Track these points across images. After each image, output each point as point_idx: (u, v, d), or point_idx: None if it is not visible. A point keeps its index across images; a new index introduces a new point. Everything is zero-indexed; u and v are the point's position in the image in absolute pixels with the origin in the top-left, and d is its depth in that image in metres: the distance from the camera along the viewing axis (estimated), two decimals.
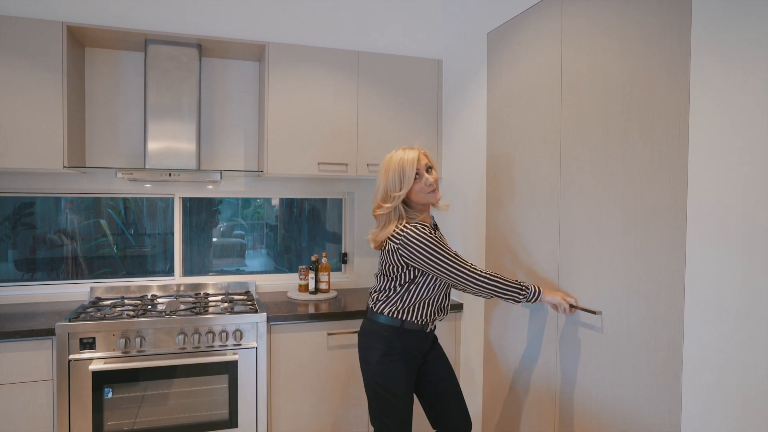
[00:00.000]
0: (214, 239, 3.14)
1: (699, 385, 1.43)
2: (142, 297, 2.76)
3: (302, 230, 3.33)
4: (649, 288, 1.58)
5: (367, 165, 2.88)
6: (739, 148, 1.33)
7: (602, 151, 1.74)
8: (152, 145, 2.59)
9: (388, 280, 1.96)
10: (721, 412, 1.37)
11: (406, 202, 1.97)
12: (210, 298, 2.78)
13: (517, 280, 1.90)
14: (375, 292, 2.04)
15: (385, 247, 1.93)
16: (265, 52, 2.72)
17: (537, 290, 1.89)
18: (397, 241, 1.87)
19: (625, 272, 1.66)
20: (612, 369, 1.72)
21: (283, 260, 3.28)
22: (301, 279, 3.00)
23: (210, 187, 3.00)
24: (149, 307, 2.53)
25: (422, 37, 3.13)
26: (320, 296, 2.89)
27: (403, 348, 1.96)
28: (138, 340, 2.22)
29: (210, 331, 2.33)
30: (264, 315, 2.42)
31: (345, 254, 3.29)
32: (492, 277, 1.86)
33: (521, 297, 1.88)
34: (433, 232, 1.90)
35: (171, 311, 2.39)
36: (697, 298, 1.44)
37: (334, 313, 2.57)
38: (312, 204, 3.31)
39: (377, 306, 2.00)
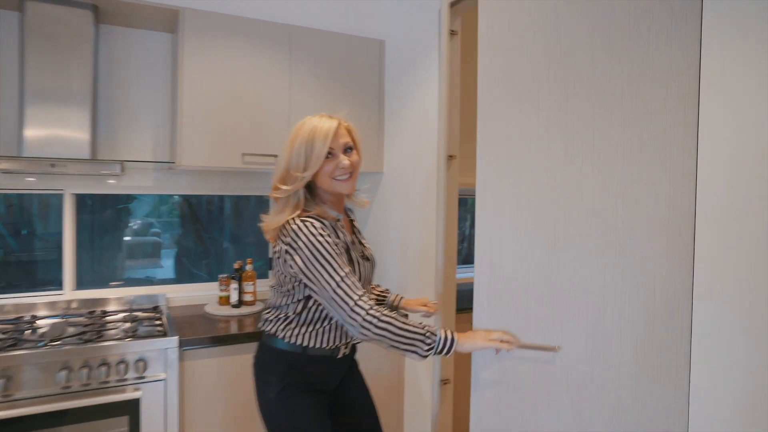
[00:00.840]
0: (127, 238, 2.61)
1: None
2: (17, 320, 2.19)
3: (223, 231, 2.85)
4: (637, 309, 1.28)
5: None
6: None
7: (564, 124, 1.38)
8: (31, 131, 2.03)
9: (282, 294, 1.52)
10: None
11: (311, 188, 1.53)
12: (108, 318, 2.26)
13: (422, 325, 1.38)
14: (268, 309, 1.59)
15: (275, 245, 1.49)
16: (179, 21, 2.23)
17: (449, 338, 1.38)
18: (285, 241, 1.42)
19: (600, 290, 1.31)
20: (575, 417, 1.37)
21: (201, 266, 2.80)
22: (221, 290, 2.54)
23: (111, 181, 2.46)
24: (24, 333, 1.98)
25: (363, 13, 2.74)
26: (244, 310, 2.45)
27: (306, 380, 1.52)
28: (2, 381, 1.70)
29: (104, 363, 1.84)
30: (175, 339, 1.95)
31: (272, 259, 2.85)
32: (383, 320, 1.34)
33: (426, 349, 1.36)
34: (327, 231, 1.42)
35: (52, 339, 1.87)
36: (710, 316, 1.15)
37: (261, 331, 2.14)
38: (235, 201, 2.84)
39: (271, 327, 1.55)
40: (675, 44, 1.21)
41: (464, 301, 2.74)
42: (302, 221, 1.41)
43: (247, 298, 2.53)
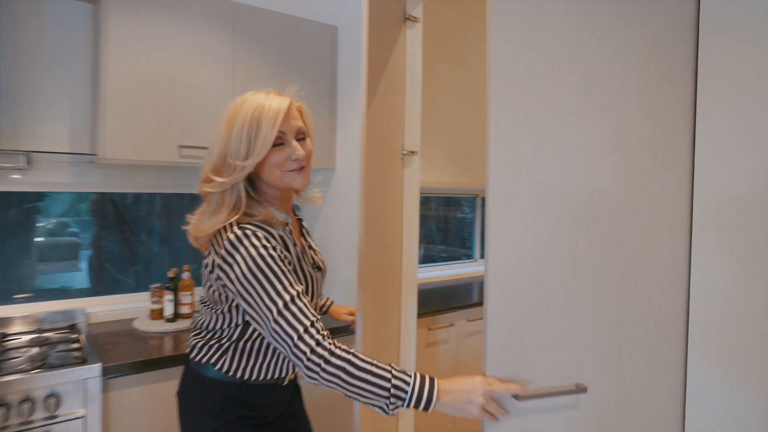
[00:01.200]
0: (39, 239, 2.18)
1: None
2: None
3: (153, 233, 2.48)
4: (648, 333, 1.13)
5: None
6: None
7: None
8: None
9: (215, 314, 1.21)
10: None
11: (254, 181, 1.22)
12: (9, 342, 1.84)
13: (391, 370, 1.03)
14: (198, 330, 1.27)
15: (207, 255, 1.17)
16: None
17: (424, 395, 1.01)
18: (219, 253, 1.11)
19: (617, 310, 1.12)
20: None
21: (128, 274, 2.42)
22: (153, 302, 2.18)
23: (15, 176, 2.04)
24: None
25: None
26: (181, 324, 2.11)
27: (245, 415, 1.23)
28: None
29: (1, 404, 1.46)
30: (97, 367, 1.60)
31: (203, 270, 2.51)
32: (333, 362, 1.01)
33: (392, 407, 1.02)
34: (273, 243, 1.12)
35: None
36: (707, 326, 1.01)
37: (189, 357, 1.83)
38: (167, 199, 2.48)
39: (201, 355, 1.23)
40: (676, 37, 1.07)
41: (421, 305, 2.54)
42: (242, 229, 1.10)
43: (184, 310, 2.20)
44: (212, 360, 1.21)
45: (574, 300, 1.10)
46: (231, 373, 1.21)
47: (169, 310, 2.15)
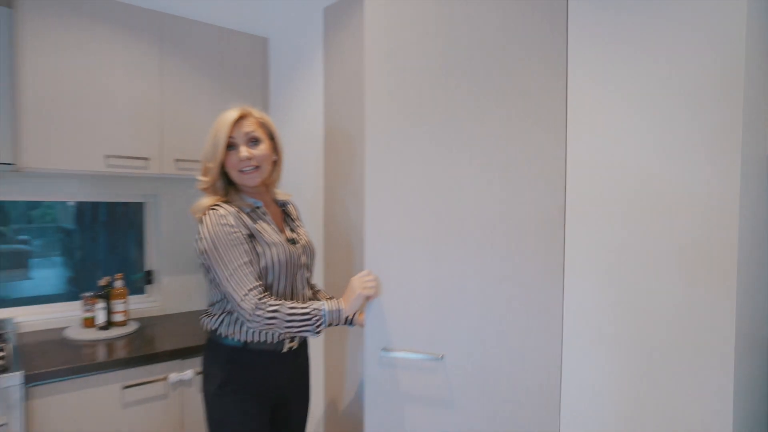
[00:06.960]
0: None
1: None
2: None
3: (98, 241, 2.41)
4: (519, 315, 1.23)
5: (176, 160, 2.12)
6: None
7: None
8: None
9: (210, 287, 1.43)
10: None
11: (230, 179, 1.44)
12: None
13: (309, 305, 1.33)
14: (210, 304, 1.47)
15: None
16: None
17: (334, 309, 1.33)
18: (197, 230, 1.38)
19: (483, 300, 1.26)
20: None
21: (60, 283, 2.33)
22: (85, 311, 2.11)
23: None
24: None
25: (246, 7, 2.46)
26: (114, 332, 2.05)
27: (246, 378, 1.41)
28: None
29: None
30: (18, 374, 1.54)
31: (150, 272, 2.45)
32: (267, 317, 1.28)
33: (315, 328, 1.32)
34: (229, 219, 1.33)
35: None
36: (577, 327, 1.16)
37: (134, 357, 1.78)
38: (112, 208, 2.40)
39: (209, 323, 1.45)
40: (544, 64, 1.19)
41: None
42: (212, 209, 1.35)
43: (118, 318, 2.13)
44: (215, 327, 1.43)
45: (435, 286, 1.29)
46: (233, 337, 1.40)
47: (101, 318, 2.08)
